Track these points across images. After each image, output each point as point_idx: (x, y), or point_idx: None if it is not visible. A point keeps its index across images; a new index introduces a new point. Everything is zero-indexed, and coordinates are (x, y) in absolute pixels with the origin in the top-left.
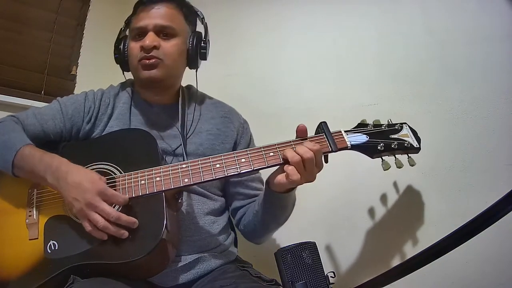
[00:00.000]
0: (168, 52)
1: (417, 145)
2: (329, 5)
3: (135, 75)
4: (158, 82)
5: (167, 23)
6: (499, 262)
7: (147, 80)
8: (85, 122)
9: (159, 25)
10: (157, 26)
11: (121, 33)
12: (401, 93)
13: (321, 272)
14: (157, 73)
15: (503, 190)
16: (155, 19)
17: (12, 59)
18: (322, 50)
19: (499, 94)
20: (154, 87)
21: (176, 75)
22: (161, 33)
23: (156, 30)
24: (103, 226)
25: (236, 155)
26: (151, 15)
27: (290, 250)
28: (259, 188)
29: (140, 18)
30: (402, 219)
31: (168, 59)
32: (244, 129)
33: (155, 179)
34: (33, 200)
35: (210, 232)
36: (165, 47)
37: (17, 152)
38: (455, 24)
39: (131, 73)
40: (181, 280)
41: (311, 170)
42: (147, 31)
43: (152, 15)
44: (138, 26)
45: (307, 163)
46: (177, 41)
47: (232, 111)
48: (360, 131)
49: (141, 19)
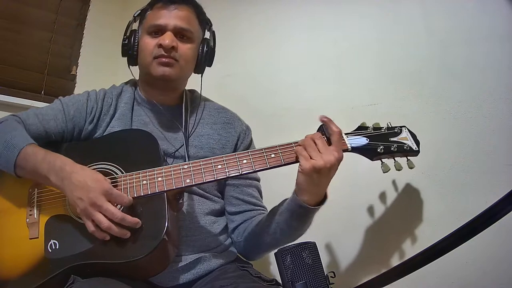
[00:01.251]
0: (184, 54)
1: (416, 148)
2: (329, 5)
3: (145, 71)
4: (170, 81)
5: (187, 27)
6: (499, 262)
7: (159, 77)
8: (87, 122)
9: (179, 27)
10: (177, 28)
11: (130, 26)
12: (401, 93)
13: (321, 272)
14: (171, 72)
15: (503, 190)
16: (176, 20)
17: (12, 59)
18: (322, 50)
19: (499, 94)
20: (162, 86)
21: (185, 77)
22: (178, 35)
23: (175, 31)
24: (107, 226)
25: (237, 156)
26: (171, 15)
27: (290, 250)
28: (256, 197)
29: (160, 15)
30: (402, 219)
31: (183, 61)
32: (245, 135)
33: (156, 179)
34: (34, 200)
35: (211, 232)
36: (182, 49)
37: (20, 151)
38: (455, 24)
39: (138, 67)
40: (181, 280)
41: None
42: (166, 30)
43: (173, 15)
44: (157, 23)
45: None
46: (193, 45)
47: (234, 117)
48: (360, 134)
49: (161, 17)
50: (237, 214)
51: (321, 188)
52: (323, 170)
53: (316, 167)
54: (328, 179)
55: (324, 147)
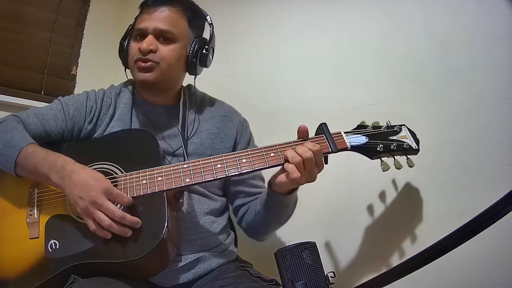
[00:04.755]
0: (164, 56)
1: (416, 146)
2: (329, 5)
3: (132, 75)
4: (152, 85)
5: (167, 28)
6: (499, 262)
7: (141, 82)
8: (86, 122)
9: (158, 29)
10: (157, 30)
11: (129, 30)
12: (401, 93)
13: (321, 272)
14: (151, 76)
15: (503, 190)
16: (156, 22)
17: (12, 59)
18: (322, 50)
19: (499, 94)
20: (149, 89)
21: (173, 79)
22: (160, 37)
23: (156, 34)
24: (108, 225)
25: (237, 155)
26: (152, 18)
27: (290, 250)
28: (260, 186)
29: (143, 19)
30: (402, 219)
31: (164, 63)
32: (244, 127)
33: (156, 179)
34: (34, 199)
35: (210, 232)
36: (162, 51)
37: (20, 151)
38: (455, 24)
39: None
40: (181, 280)
41: (311, 169)
42: (147, 33)
43: (154, 18)
44: (139, 27)
45: (307, 162)
46: (176, 46)
47: (231, 110)
48: (359, 132)
49: (143, 21)
50: (243, 206)
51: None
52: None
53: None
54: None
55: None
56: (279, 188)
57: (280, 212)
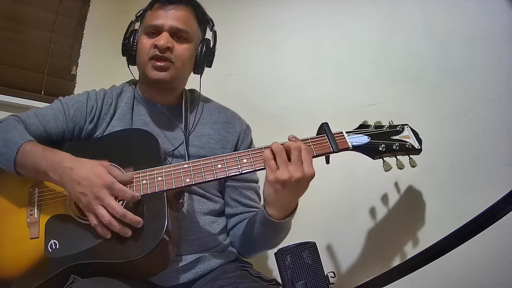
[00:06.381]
0: (180, 55)
1: (419, 146)
2: (329, 5)
3: (142, 72)
4: (165, 83)
5: (184, 27)
6: (499, 262)
7: (154, 81)
8: (87, 121)
9: (174, 27)
10: (173, 28)
11: (131, 26)
12: (401, 93)
13: (321, 272)
14: (166, 76)
15: (503, 190)
16: (172, 21)
17: (12, 59)
18: (322, 50)
19: (499, 94)
20: (158, 87)
21: (183, 78)
22: (175, 35)
23: (171, 32)
24: (108, 221)
25: (237, 155)
26: (168, 15)
27: (290, 250)
28: (253, 199)
29: (157, 15)
30: (402, 219)
31: (179, 62)
32: (245, 135)
33: (156, 179)
34: (34, 199)
35: (210, 232)
36: (178, 50)
37: (19, 149)
38: (455, 24)
39: (136, 67)
40: (181, 280)
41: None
42: (162, 30)
43: (170, 16)
44: (154, 23)
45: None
46: (190, 45)
47: (234, 117)
48: (361, 132)
49: (158, 17)
50: (234, 216)
51: (287, 202)
52: (288, 184)
53: (280, 179)
54: (296, 194)
55: (297, 159)
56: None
57: (268, 237)
